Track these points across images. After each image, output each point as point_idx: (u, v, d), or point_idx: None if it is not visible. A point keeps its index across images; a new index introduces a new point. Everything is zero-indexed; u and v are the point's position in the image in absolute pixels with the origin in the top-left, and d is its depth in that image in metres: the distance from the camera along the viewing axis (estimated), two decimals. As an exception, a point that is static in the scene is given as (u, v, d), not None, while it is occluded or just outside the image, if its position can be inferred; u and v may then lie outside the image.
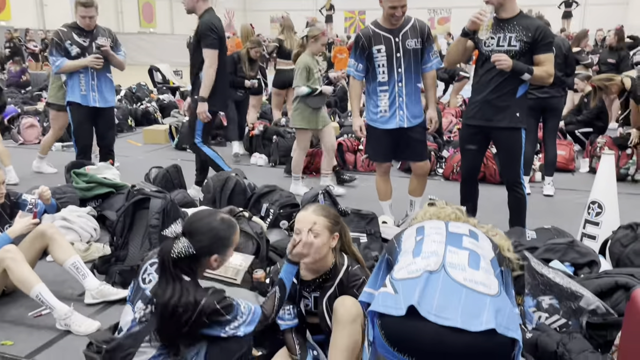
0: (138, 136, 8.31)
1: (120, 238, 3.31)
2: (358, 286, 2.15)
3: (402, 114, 3.73)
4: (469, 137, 3.65)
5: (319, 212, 2.17)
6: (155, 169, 4.78)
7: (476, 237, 1.59)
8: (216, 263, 2.00)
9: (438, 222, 1.68)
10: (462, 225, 1.65)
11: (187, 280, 1.90)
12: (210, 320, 1.89)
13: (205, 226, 1.97)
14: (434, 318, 1.31)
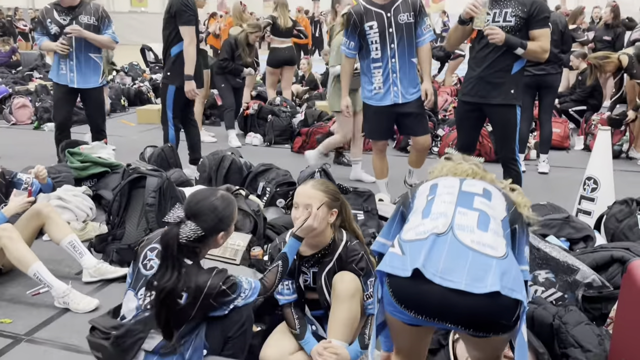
0: (131, 116, 8.23)
1: (117, 217, 3.30)
2: (357, 261, 2.16)
3: (396, 89, 3.71)
4: (465, 114, 3.64)
5: (318, 187, 2.17)
6: (150, 148, 4.75)
7: (489, 197, 1.57)
8: (222, 240, 2.01)
9: (452, 180, 1.65)
10: (477, 183, 1.62)
11: (190, 264, 1.90)
12: (217, 302, 1.90)
13: (208, 206, 1.95)
14: (439, 280, 1.33)
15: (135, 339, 1.83)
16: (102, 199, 4.02)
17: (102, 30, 4.61)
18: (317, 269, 2.22)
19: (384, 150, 4.08)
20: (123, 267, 3.11)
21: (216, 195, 1.99)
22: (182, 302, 1.85)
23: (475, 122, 3.66)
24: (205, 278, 1.88)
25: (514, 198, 1.62)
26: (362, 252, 2.19)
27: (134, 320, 1.87)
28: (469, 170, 1.69)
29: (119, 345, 1.81)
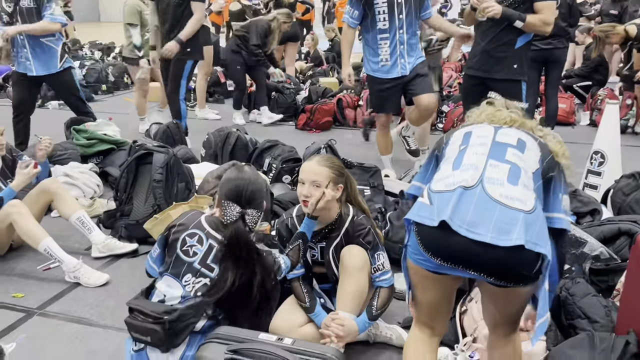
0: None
1: (124, 193, 3.31)
2: (364, 235, 2.17)
3: (403, 62, 3.66)
4: (470, 88, 3.63)
5: (323, 162, 2.16)
6: (156, 125, 4.75)
7: (523, 148, 1.54)
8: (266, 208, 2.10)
9: (487, 129, 1.62)
10: (512, 133, 1.59)
11: (263, 250, 1.94)
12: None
13: (256, 186, 1.95)
14: (466, 232, 1.34)
15: (187, 322, 1.84)
16: (109, 175, 4.03)
17: (41, 12, 4.23)
18: (324, 244, 2.23)
19: (387, 125, 4.05)
20: (132, 242, 3.13)
21: (248, 173, 1.98)
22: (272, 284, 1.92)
23: (481, 96, 3.62)
24: (271, 259, 1.96)
25: (552, 147, 1.59)
26: (369, 226, 2.19)
27: (187, 304, 1.87)
28: (507, 118, 1.64)
29: (172, 329, 1.81)
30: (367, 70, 3.83)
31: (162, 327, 1.79)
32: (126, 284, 2.73)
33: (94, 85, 8.18)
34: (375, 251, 2.18)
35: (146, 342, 1.83)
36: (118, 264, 2.96)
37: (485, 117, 1.68)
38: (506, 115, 1.65)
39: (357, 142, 5.42)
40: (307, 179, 2.12)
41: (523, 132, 1.61)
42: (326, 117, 6.05)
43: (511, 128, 1.62)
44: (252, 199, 1.93)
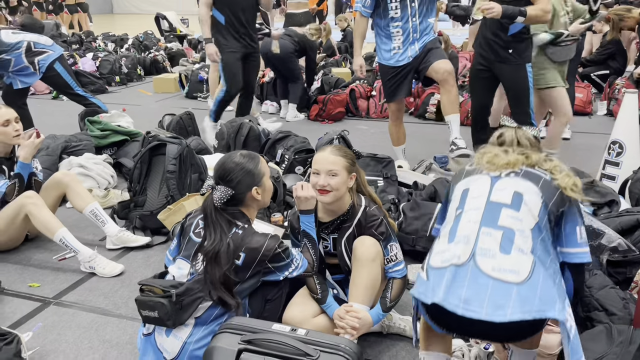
0: (148, 85, 8.23)
1: (138, 184, 3.33)
2: (377, 226, 2.16)
3: (413, 47, 3.64)
4: (476, 74, 3.67)
5: (337, 152, 2.16)
6: (169, 116, 4.76)
7: (519, 204, 1.55)
8: (259, 195, 2.03)
9: (484, 184, 1.64)
10: (509, 186, 1.60)
11: (246, 227, 1.94)
12: (273, 265, 1.94)
13: (231, 164, 1.99)
14: (462, 311, 1.38)
15: (194, 297, 1.86)
16: (123, 166, 4.06)
17: None
18: (336, 235, 2.23)
19: (400, 115, 4.02)
20: (145, 233, 3.16)
21: (236, 154, 2.03)
22: (240, 263, 1.89)
23: (488, 83, 3.64)
24: (262, 240, 1.93)
25: (560, 182, 1.59)
26: (382, 216, 2.18)
27: (193, 279, 1.90)
28: (507, 163, 1.65)
29: (179, 303, 1.83)
30: (379, 60, 3.79)
31: (169, 300, 1.82)
32: (140, 274, 2.75)
33: (107, 76, 8.22)
34: (388, 242, 2.17)
35: (154, 319, 1.85)
36: (132, 254, 2.99)
37: (485, 162, 1.69)
38: (505, 162, 1.66)
39: (370, 133, 5.40)
40: (323, 168, 2.12)
41: (522, 178, 1.61)
42: (339, 108, 6.02)
43: (510, 176, 1.62)
44: (223, 175, 1.98)
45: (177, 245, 2.07)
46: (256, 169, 2.01)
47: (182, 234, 2.05)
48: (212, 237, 1.91)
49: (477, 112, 3.78)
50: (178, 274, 1.96)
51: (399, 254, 2.20)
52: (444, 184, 3.05)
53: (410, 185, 3.41)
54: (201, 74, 7.31)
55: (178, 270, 1.98)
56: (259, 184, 2.02)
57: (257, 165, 2.02)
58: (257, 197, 2.03)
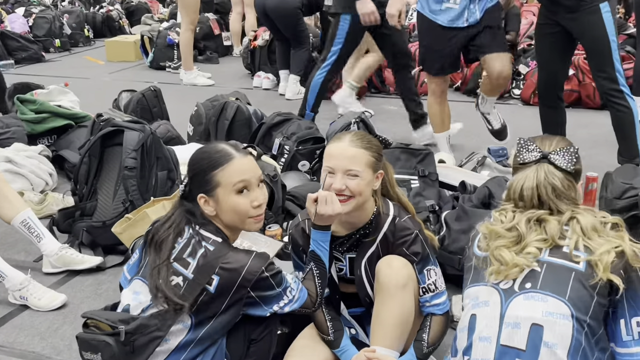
0: (99, 51, 8.31)
1: (86, 185, 3.36)
2: (409, 243, 2.16)
3: (473, 7, 3.65)
4: (542, 30, 3.63)
5: (358, 143, 2.14)
6: (127, 93, 4.80)
7: (537, 349, 1.63)
8: (208, 207, 1.99)
9: (492, 311, 1.72)
10: (523, 311, 1.68)
11: (219, 242, 1.94)
12: (257, 294, 1.93)
13: (197, 152, 2.03)
14: None
15: (150, 337, 1.86)
16: (65, 161, 4.09)
17: None
18: (355, 254, 2.24)
19: (445, 90, 4.02)
20: (96, 251, 3.18)
21: (217, 144, 2.06)
22: (212, 289, 1.89)
23: (557, 43, 3.62)
24: (243, 259, 1.92)
25: (601, 272, 1.64)
26: (416, 230, 2.18)
27: (148, 314, 1.91)
28: (517, 264, 1.72)
29: (129, 344, 1.84)
30: (422, 9, 3.79)
31: (117, 339, 1.83)
32: (89, 307, 2.77)
33: (44, 40, 8.31)
34: (425, 265, 2.17)
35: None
36: (78, 280, 3.01)
37: (494, 272, 1.75)
38: (517, 269, 1.71)
39: (401, 115, 5.40)
40: (340, 166, 2.11)
41: (543, 291, 1.68)
42: (358, 82, 6.03)
43: (525, 289, 1.69)
44: (189, 165, 2.03)
45: (138, 261, 2.08)
46: (211, 172, 1.96)
47: (147, 247, 2.06)
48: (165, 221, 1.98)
49: (544, 82, 3.77)
50: (133, 302, 1.98)
51: (439, 281, 2.20)
52: (503, 185, 3.05)
53: (456, 187, 3.41)
54: (170, 36, 7.37)
55: (133, 296, 1.99)
56: (208, 193, 1.97)
57: (215, 166, 1.96)
58: (204, 209, 1.99)
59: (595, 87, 5.32)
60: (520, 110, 5.60)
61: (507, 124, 4.20)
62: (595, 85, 5.23)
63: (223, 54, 8.19)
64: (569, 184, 1.81)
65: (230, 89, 5.48)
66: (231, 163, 1.97)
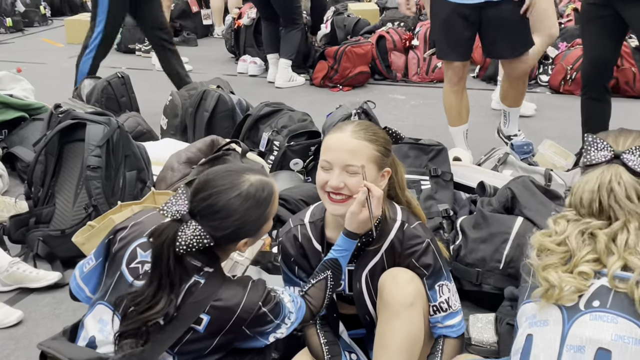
0: (57, 32, 8.30)
1: (42, 188, 3.36)
2: (419, 253, 2.17)
3: None
4: (589, 11, 3.63)
5: (362, 134, 2.14)
6: (90, 80, 4.80)
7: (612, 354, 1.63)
8: (246, 247, 2.05)
9: (552, 330, 1.72)
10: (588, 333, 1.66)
11: (211, 272, 1.95)
12: (253, 331, 1.96)
13: (229, 205, 1.95)
14: None
15: None
16: (18, 160, 4.09)
17: None
18: (355, 265, 2.24)
19: (463, 78, 4.04)
20: (53, 265, 3.18)
21: (243, 187, 1.98)
22: (201, 329, 1.91)
23: (609, 28, 3.63)
24: (238, 295, 1.93)
25: None
26: (427, 238, 2.19)
27: (120, 354, 1.89)
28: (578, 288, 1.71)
29: None
30: None
31: None
32: (45, 330, 2.77)
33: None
34: (437, 280, 2.18)
35: None
36: (33, 298, 3.01)
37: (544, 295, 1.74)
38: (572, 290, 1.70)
39: (410, 106, 5.42)
40: (338, 160, 2.11)
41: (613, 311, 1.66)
42: (360, 67, 6.06)
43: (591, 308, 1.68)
44: (207, 214, 1.93)
45: (98, 275, 2.08)
46: (261, 218, 2.00)
47: (109, 261, 2.06)
48: (159, 296, 1.90)
49: (590, 71, 3.78)
50: (100, 335, 1.97)
51: (453, 299, 2.21)
52: (529, 187, 3.06)
53: (474, 189, 3.41)
54: (141, 14, 7.36)
55: (99, 326, 1.98)
56: (254, 235, 2.03)
57: (267, 208, 2.00)
58: (242, 250, 2.05)
59: (635, 72, 5.37)
60: (549, 99, 5.61)
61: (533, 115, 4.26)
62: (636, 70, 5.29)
63: (202, 34, 8.20)
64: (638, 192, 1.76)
65: (211, 75, 5.48)
66: (274, 193, 2.05)
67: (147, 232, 2.00)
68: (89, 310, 2.06)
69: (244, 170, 2.05)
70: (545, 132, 4.53)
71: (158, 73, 6.51)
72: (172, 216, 1.94)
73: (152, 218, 2.07)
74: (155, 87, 5.64)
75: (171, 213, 1.94)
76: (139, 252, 2.01)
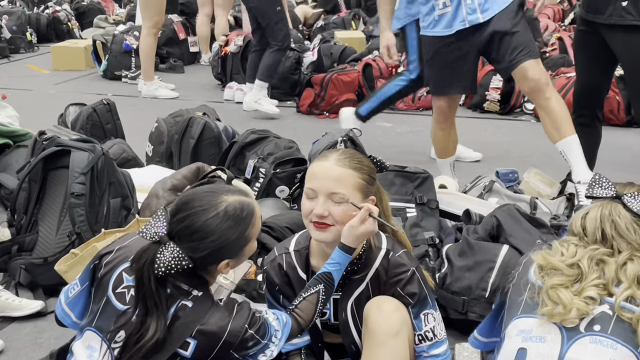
0: (43, 58, 8.31)
1: (25, 215, 3.34)
2: (404, 282, 2.17)
3: (469, 3, 3.61)
4: (582, 39, 3.66)
5: (347, 162, 2.16)
6: (75, 107, 4.79)
7: None
8: (228, 268, 2.04)
9: (549, 347, 1.74)
10: (587, 355, 1.69)
11: (199, 296, 1.94)
12: (240, 353, 1.94)
13: (206, 225, 1.94)
14: None
15: None
16: (1, 187, 4.06)
17: None
18: (339, 295, 2.24)
19: (451, 114, 3.99)
20: (36, 293, 3.15)
21: (220, 207, 1.97)
22: (188, 355, 1.89)
23: (598, 54, 3.66)
24: (224, 319, 1.92)
25: None
26: (413, 267, 2.19)
27: None
28: (580, 309, 1.75)
29: None
30: (423, 29, 3.81)
31: None
32: (27, 358, 2.74)
33: (-23, 45, 8.31)
34: (422, 309, 2.18)
35: None
36: (15, 327, 2.98)
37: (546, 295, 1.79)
38: (575, 313, 1.74)
39: (396, 133, 5.44)
40: (322, 188, 2.12)
41: (613, 337, 1.71)
42: (346, 94, 6.08)
43: (591, 332, 1.72)
44: (187, 235, 1.93)
45: (84, 301, 2.07)
46: (243, 235, 1.99)
47: (95, 287, 2.05)
48: (149, 321, 1.89)
49: (581, 96, 3.80)
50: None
51: (438, 328, 2.21)
52: (514, 215, 3.07)
53: (459, 217, 3.42)
54: (128, 41, 7.39)
55: (88, 352, 1.97)
56: (236, 256, 2.02)
57: (246, 228, 2.00)
58: (223, 271, 2.03)
59: (620, 101, 5.42)
60: (534, 127, 5.63)
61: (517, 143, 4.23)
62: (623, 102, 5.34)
63: (189, 61, 8.22)
64: (636, 229, 1.86)
65: (197, 102, 5.48)
66: (255, 214, 2.03)
67: (132, 256, 1.99)
68: (78, 336, 2.05)
69: (222, 191, 2.04)
70: (531, 160, 4.56)
71: (144, 99, 6.55)
72: (151, 238, 1.93)
73: (137, 241, 2.06)
74: (141, 113, 5.64)
75: (150, 235, 1.94)
76: (124, 276, 2.00)
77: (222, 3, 7.72)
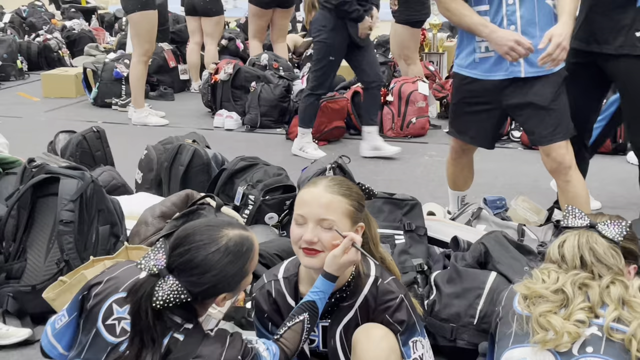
0: (34, 86, 8.31)
1: (13, 242, 3.32)
2: (393, 309, 2.17)
3: None
4: (574, 70, 3.59)
5: (336, 188, 2.17)
6: (65, 134, 4.79)
7: None
8: (225, 301, 2.06)
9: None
10: None
11: (190, 329, 1.94)
12: None
13: (207, 260, 1.94)
14: None
15: None
16: (-10, 214, 4.06)
17: None
18: (328, 322, 2.24)
19: (465, 154, 3.83)
20: (23, 321, 3.13)
21: (221, 242, 1.97)
22: None
23: (590, 87, 3.66)
24: (217, 351, 1.91)
25: None
26: (401, 294, 2.20)
27: None
28: (570, 332, 1.80)
29: None
30: (456, 66, 3.64)
31: None
32: (14, 388, 2.73)
33: (-31, 72, 8.32)
34: (411, 336, 2.18)
35: None
36: (1, 355, 2.95)
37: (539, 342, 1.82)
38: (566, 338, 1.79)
39: (384, 162, 5.45)
40: (312, 214, 2.13)
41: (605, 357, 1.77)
42: (335, 121, 6.11)
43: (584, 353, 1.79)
44: (187, 269, 1.93)
45: (72, 332, 2.06)
46: (242, 269, 2.00)
47: (84, 318, 2.04)
48: (144, 355, 1.88)
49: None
50: None
51: (427, 355, 2.20)
52: (501, 242, 3.07)
53: (448, 243, 3.43)
54: (118, 69, 7.41)
55: None
56: (234, 289, 2.03)
57: (245, 262, 2.01)
58: (220, 304, 2.07)
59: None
60: (521, 154, 5.68)
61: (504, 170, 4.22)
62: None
63: (179, 89, 8.23)
64: (614, 254, 1.95)
65: (187, 129, 5.51)
66: (254, 248, 2.05)
67: (122, 286, 1.99)
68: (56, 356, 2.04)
69: (223, 225, 2.04)
70: (518, 188, 4.58)
71: (134, 127, 6.56)
72: (150, 271, 1.93)
73: (127, 272, 2.05)
74: (131, 141, 5.64)
75: (148, 267, 1.94)
76: (115, 308, 1.99)
77: (212, 32, 7.77)
